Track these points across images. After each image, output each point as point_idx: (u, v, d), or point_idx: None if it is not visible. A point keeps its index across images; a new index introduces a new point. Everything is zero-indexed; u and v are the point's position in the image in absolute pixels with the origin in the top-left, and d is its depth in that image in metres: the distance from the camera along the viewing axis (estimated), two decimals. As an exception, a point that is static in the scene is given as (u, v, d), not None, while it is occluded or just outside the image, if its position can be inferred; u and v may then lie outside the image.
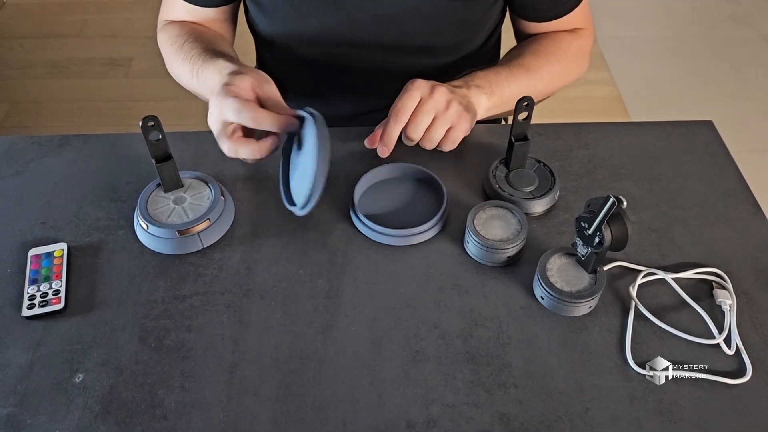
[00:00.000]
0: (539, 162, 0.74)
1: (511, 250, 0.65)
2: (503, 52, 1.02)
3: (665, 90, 2.14)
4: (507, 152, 0.72)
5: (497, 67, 0.80)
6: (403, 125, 0.70)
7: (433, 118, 0.71)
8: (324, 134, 0.61)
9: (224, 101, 0.64)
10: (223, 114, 0.64)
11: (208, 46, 0.79)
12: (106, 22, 2.40)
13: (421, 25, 0.82)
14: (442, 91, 0.70)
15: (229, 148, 0.66)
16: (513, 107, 0.69)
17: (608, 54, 2.24)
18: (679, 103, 2.08)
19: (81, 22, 2.40)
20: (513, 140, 0.70)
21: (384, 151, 0.72)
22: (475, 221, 0.67)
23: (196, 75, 0.76)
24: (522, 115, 0.69)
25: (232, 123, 0.65)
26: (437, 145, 0.73)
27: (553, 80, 0.85)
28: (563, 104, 0.90)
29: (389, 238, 0.68)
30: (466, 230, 0.66)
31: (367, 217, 0.69)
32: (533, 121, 0.71)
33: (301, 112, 0.65)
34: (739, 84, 2.16)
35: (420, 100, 0.70)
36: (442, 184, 0.71)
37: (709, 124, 0.83)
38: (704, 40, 2.35)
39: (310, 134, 0.63)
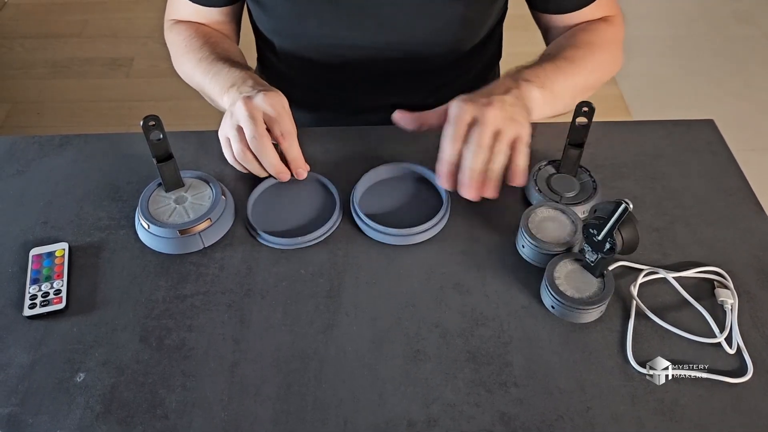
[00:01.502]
0: (587, 171, 0.73)
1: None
2: (505, 49, 1.02)
3: (667, 89, 2.13)
4: (563, 155, 0.71)
5: (541, 63, 0.76)
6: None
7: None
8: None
9: (272, 100, 0.69)
10: (261, 107, 0.68)
11: (228, 56, 0.80)
12: (107, 22, 2.40)
13: (422, 24, 0.82)
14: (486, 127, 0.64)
15: (258, 133, 0.67)
16: (565, 103, 0.66)
17: (609, 53, 2.23)
18: (680, 102, 2.08)
19: (82, 22, 2.40)
20: (568, 144, 0.69)
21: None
22: (529, 223, 0.66)
23: (215, 75, 0.77)
24: (580, 120, 0.67)
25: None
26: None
27: (597, 71, 0.80)
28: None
29: (390, 237, 0.68)
30: (521, 233, 0.66)
31: (368, 216, 0.69)
32: (537, 120, 0.71)
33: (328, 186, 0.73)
34: (742, 83, 2.16)
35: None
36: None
37: (710, 123, 0.83)
38: (706, 39, 2.34)
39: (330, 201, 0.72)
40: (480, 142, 0.63)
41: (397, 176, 0.75)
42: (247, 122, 0.67)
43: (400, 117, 0.71)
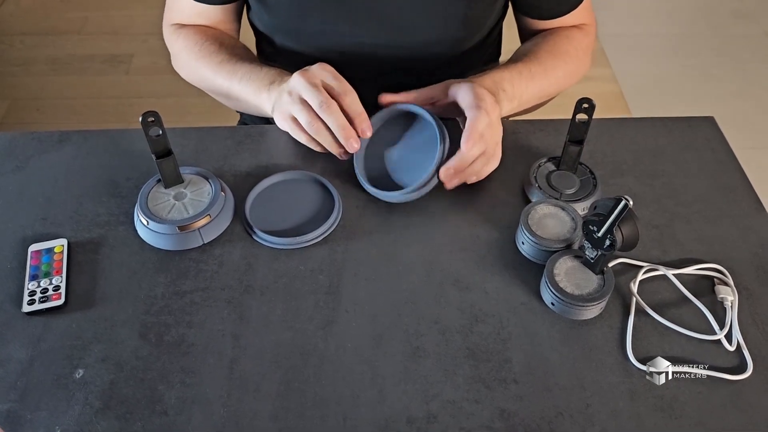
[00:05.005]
0: (586, 167, 0.73)
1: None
2: (504, 47, 1.02)
3: (667, 86, 2.13)
4: (562, 152, 0.72)
5: (519, 66, 0.79)
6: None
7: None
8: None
9: (325, 67, 0.71)
10: (319, 75, 0.70)
11: (249, 56, 0.83)
12: (107, 19, 2.40)
13: (423, 22, 0.82)
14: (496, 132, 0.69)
15: (325, 98, 0.69)
16: (525, 108, 0.68)
17: (610, 50, 2.23)
18: (680, 100, 2.07)
19: (82, 18, 2.40)
20: (567, 141, 0.70)
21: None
22: (529, 220, 0.66)
23: (246, 75, 0.78)
24: (581, 117, 0.68)
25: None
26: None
27: (565, 80, 0.85)
28: (564, 100, 0.90)
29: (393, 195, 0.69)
30: (521, 229, 0.66)
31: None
32: (536, 117, 0.71)
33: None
34: (741, 80, 2.15)
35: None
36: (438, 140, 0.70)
37: (710, 120, 0.83)
38: (707, 37, 2.34)
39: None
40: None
41: (396, 123, 0.76)
42: (312, 92, 0.69)
43: (389, 99, 0.75)
